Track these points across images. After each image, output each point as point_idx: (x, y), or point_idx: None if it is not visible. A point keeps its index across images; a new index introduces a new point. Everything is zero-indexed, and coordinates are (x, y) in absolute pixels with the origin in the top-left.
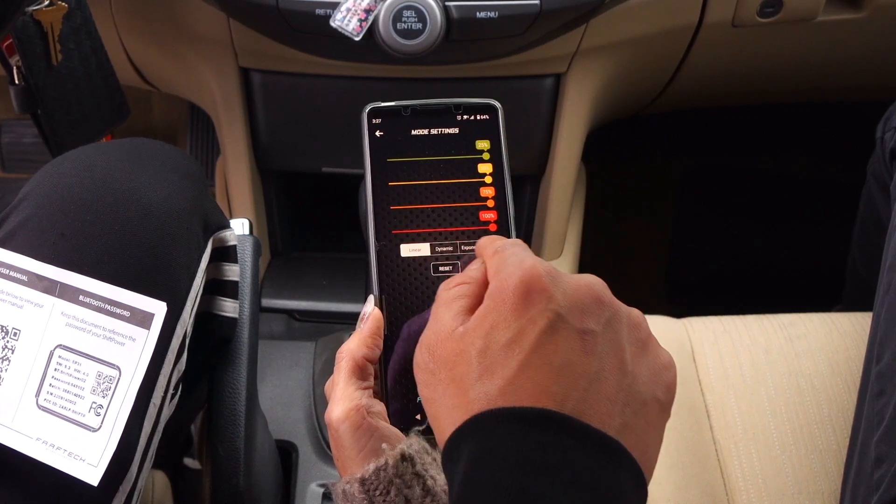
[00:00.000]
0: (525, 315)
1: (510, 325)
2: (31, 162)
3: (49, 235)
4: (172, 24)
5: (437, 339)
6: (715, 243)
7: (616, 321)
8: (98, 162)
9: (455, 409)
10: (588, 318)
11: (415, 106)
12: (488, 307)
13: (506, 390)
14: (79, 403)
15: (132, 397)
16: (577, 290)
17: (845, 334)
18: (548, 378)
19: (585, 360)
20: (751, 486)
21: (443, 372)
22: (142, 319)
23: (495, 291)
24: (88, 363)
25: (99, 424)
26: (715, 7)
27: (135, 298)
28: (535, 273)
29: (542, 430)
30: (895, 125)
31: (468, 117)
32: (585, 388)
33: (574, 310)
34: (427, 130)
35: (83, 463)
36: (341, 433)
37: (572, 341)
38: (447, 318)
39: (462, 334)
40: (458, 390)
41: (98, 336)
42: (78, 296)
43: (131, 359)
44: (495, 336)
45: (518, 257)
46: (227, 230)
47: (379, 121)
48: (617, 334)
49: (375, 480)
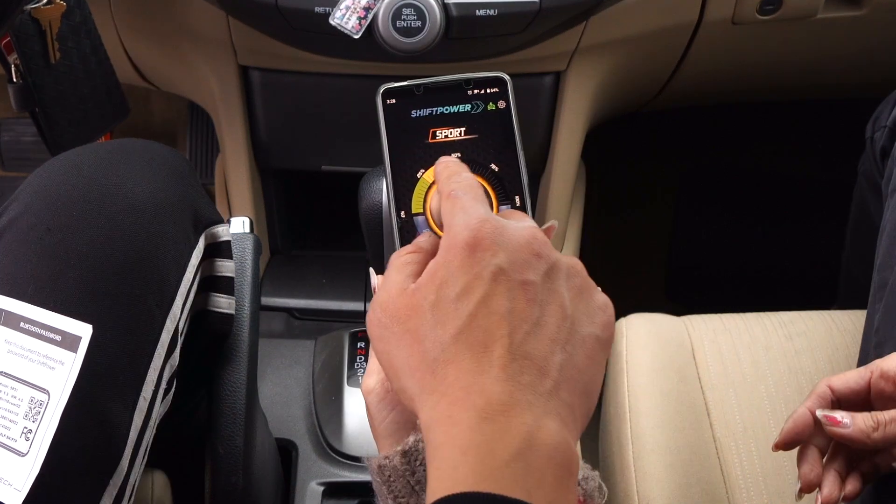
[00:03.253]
0: (471, 270)
1: (458, 280)
2: (30, 160)
3: (36, 231)
4: (172, 23)
5: (389, 297)
6: (715, 242)
7: (554, 272)
8: (86, 160)
9: (410, 357)
10: (528, 271)
11: (427, 84)
12: (438, 263)
13: (458, 338)
14: (12, 429)
15: (57, 420)
16: (518, 246)
17: (845, 332)
18: (494, 324)
19: (527, 307)
20: (751, 483)
21: (396, 325)
22: (70, 343)
23: (445, 247)
24: (24, 388)
25: (27, 449)
26: (715, 4)
27: (65, 322)
28: (481, 232)
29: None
30: (884, 124)
31: (479, 91)
32: (528, 332)
33: (515, 264)
34: (441, 108)
35: (9, 488)
36: (369, 403)
37: (515, 292)
38: (398, 279)
39: (414, 290)
40: (413, 341)
41: (34, 361)
42: (19, 322)
43: (59, 382)
44: (446, 290)
45: (466, 212)
46: (220, 226)
47: (393, 101)
48: (555, 283)
49: (415, 452)
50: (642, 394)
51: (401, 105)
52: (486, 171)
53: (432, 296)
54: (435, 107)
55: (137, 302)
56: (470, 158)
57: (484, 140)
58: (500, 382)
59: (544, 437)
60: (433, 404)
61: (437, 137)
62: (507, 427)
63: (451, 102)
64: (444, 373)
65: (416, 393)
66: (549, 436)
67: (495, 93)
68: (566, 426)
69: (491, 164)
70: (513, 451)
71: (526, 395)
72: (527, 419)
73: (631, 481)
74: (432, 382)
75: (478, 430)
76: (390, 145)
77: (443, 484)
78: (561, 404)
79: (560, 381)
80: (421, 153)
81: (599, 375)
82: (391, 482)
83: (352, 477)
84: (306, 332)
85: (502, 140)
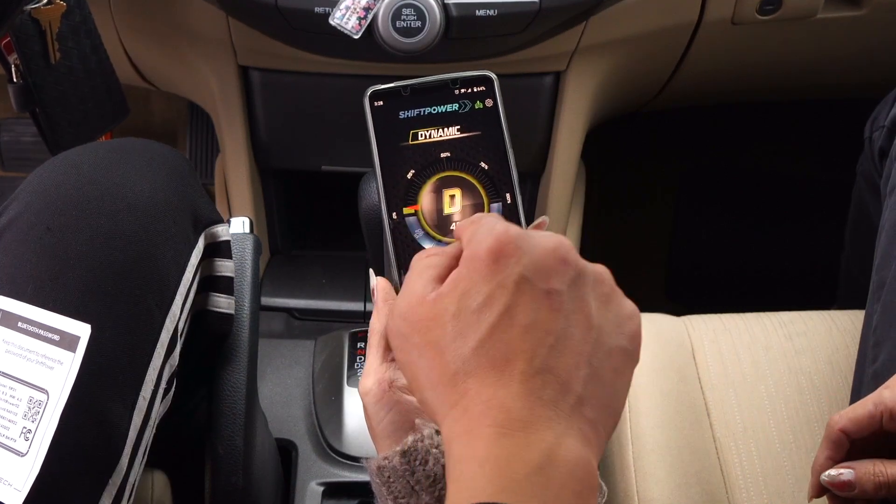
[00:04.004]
0: (494, 279)
1: (481, 290)
2: (31, 160)
3: (36, 230)
4: (171, 23)
5: (410, 306)
6: (715, 242)
7: (580, 279)
8: (85, 160)
9: (430, 370)
10: (553, 279)
11: (413, 85)
12: (461, 273)
13: (479, 351)
14: (11, 429)
15: (56, 420)
16: (544, 253)
17: (845, 332)
18: (517, 337)
19: (552, 317)
20: (751, 483)
21: (417, 336)
22: (69, 343)
23: (468, 258)
24: (22, 388)
25: (27, 449)
26: (714, 4)
27: (63, 322)
28: (504, 239)
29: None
30: (882, 124)
31: (466, 90)
32: (552, 345)
33: (540, 272)
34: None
35: (9, 488)
36: (366, 404)
37: (539, 301)
38: (419, 286)
39: (434, 300)
40: (434, 353)
41: (32, 361)
42: (17, 322)
43: (58, 382)
44: (467, 301)
45: (489, 225)
46: (220, 225)
47: (381, 103)
48: (581, 291)
49: (415, 451)
50: (642, 394)
51: (388, 107)
52: (475, 170)
53: (453, 306)
54: (422, 107)
55: (137, 301)
56: (459, 157)
57: (472, 139)
58: (521, 398)
59: (565, 454)
60: (454, 418)
61: (426, 137)
62: (527, 443)
63: (439, 102)
64: (466, 386)
65: (437, 406)
66: (569, 452)
67: (482, 91)
68: (588, 443)
69: (480, 163)
70: (533, 466)
71: (547, 411)
72: (547, 436)
73: (631, 481)
74: (453, 396)
75: (497, 444)
76: (379, 147)
77: (461, 496)
78: (584, 421)
79: (584, 397)
80: (410, 154)
81: (625, 390)
82: (391, 483)
83: (352, 477)
84: (306, 332)
85: (491, 138)
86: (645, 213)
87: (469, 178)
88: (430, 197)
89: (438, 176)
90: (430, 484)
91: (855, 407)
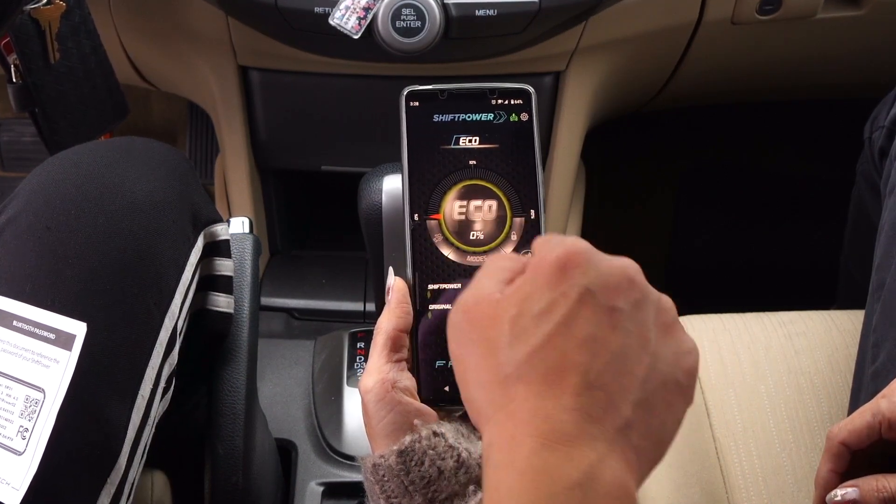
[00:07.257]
0: (558, 288)
1: (543, 296)
2: (30, 160)
3: (36, 229)
4: (171, 23)
5: (474, 301)
6: (714, 241)
7: (644, 303)
8: (85, 159)
9: (481, 369)
10: (617, 297)
11: (451, 90)
12: (526, 278)
13: (533, 357)
14: (8, 428)
15: (53, 418)
16: (611, 269)
17: (844, 332)
18: (573, 349)
19: (610, 335)
20: (750, 483)
21: (474, 332)
22: (65, 341)
23: (535, 263)
24: (19, 387)
25: (24, 448)
26: (714, 4)
27: (59, 321)
28: (574, 249)
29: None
30: (882, 124)
31: (503, 101)
32: (607, 361)
33: (605, 287)
34: (463, 115)
35: (8, 487)
36: (366, 403)
37: (600, 317)
38: (487, 284)
39: (498, 300)
40: (488, 352)
41: (27, 360)
42: (12, 321)
43: (54, 380)
44: (529, 305)
45: (561, 237)
46: (219, 224)
47: (416, 104)
48: (644, 315)
49: (412, 452)
50: None
51: (423, 108)
52: (502, 182)
53: (514, 309)
54: (457, 113)
55: (136, 300)
56: (487, 167)
57: (503, 151)
58: (569, 412)
59: (606, 475)
60: (498, 422)
61: (457, 144)
62: (569, 458)
63: (474, 110)
64: (514, 391)
65: (482, 407)
66: (611, 474)
67: (519, 104)
68: (630, 469)
69: (508, 175)
70: (572, 482)
71: (593, 428)
72: (590, 454)
73: None
74: (501, 399)
75: (538, 456)
76: (410, 147)
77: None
78: (628, 446)
79: (632, 422)
80: (439, 158)
81: (675, 427)
82: (385, 482)
83: (351, 477)
84: (306, 332)
85: (521, 152)
86: (645, 212)
87: (495, 189)
88: (453, 203)
89: (464, 183)
90: (425, 485)
91: (853, 418)
